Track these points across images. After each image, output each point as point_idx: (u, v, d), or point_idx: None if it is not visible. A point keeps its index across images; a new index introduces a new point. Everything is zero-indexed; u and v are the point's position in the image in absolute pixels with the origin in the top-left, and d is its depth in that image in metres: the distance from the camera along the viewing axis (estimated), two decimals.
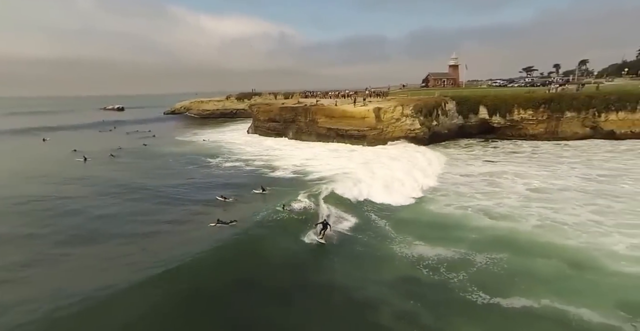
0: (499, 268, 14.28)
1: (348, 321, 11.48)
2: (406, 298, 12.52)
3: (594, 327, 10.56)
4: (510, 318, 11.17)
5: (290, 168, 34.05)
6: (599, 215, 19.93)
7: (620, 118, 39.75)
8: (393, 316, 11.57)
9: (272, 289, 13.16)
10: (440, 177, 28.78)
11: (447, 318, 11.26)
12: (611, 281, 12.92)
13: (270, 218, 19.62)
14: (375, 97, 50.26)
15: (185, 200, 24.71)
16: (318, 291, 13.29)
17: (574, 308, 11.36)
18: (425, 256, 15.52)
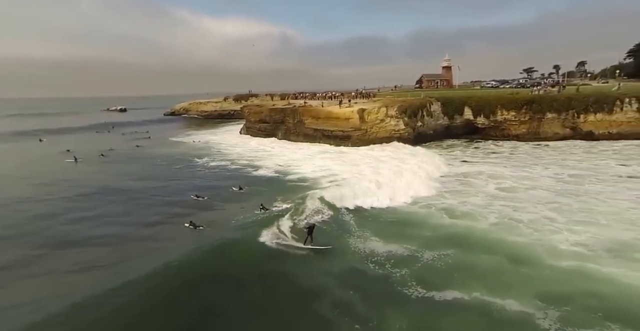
0: (442, 263, 14.87)
1: (289, 308, 12.19)
2: (347, 289, 13.17)
3: (512, 315, 11.21)
4: (438, 309, 11.78)
5: (272, 168, 34.71)
6: (556, 212, 20.47)
7: (598, 119, 40.18)
8: (330, 305, 12.25)
9: (228, 281, 13.79)
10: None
11: (379, 308, 11.88)
12: (542, 274, 13.51)
13: (242, 219, 20.19)
14: (361, 98, 50.91)
15: (164, 201, 25.39)
16: (269, 282, 13.93)
17: (500, 299, 11.96)
18: (377, 251, 16.16)
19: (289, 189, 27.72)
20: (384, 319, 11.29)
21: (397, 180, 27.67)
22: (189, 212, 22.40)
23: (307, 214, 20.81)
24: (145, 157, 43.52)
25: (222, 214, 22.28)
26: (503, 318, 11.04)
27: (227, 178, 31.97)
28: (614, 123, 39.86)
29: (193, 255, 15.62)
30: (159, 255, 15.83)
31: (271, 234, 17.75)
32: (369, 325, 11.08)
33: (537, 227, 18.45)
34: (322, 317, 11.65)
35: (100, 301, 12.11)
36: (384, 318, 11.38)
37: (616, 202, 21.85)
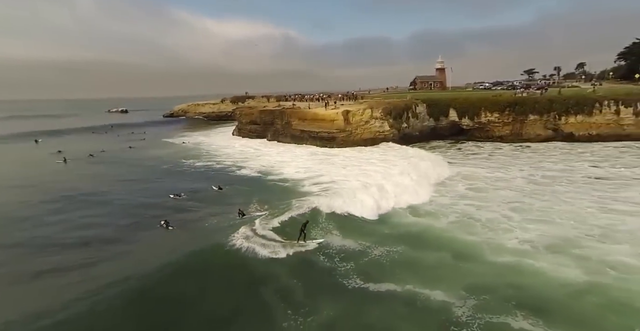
0: (388, 259, 15.67)
1: (237, 293, 13.25)
2: (292, 277, 14.06)
3: (433, 304, 12.11)
4: (369, 299, 12.63)
5: (255, 169, 35.50)
6: (515, 212, 21.22)
7: (579, 121, 40.83)
8: (273, 291, 13.33)
9: (187, 273, 14.69)
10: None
11: (316, 296, 12.74)
12: (477, 269, 14.29)
13: (215, 220, 21.05)
14: (347, 100, 51.71)
15: (142, 201, 26.07)
16: (223, 270, 14.86)
17: (428, 290, 12.78)
18: (332, 245, 17.01)
19: (268, 189, 28.61)
20: (317, 306, 12.15)
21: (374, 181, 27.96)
22: (164, 212, 22.93)
23: (279, 215, 21.31)
24: (134, 158, 44.50)
25: (195, 214, 23.01)
26: (424, 307, 11.87)
27: (210, 178, 32.71)
28: (594, 125, 40.49)
29: (156, 262, 15.86)
30: (124, 259, 16.45)
31: (240, 237, 17.88)
32: (301, 310, 11.96)
33: (492, 226, 19.19)
34: (262, 302, 12.52)
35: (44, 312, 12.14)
36: (317, 305, 12.23)
37: (576, 202, 22.59)
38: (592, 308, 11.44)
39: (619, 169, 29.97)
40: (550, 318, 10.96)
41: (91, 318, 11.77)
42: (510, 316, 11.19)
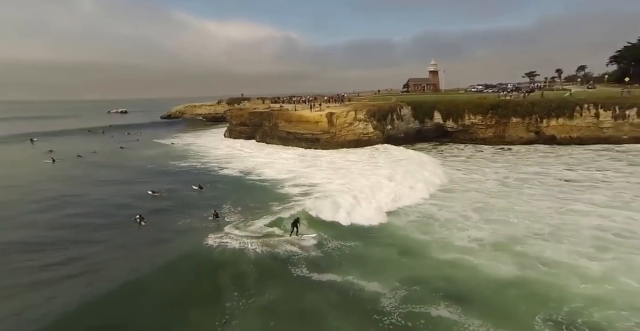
0: (339, 252, 16.50)
1: (195, 279, 14.39)
2: (246, 265, 15.03)
3: (365, 293, 12.99)
4: (309, 286, 13.57)
5: (238, 169, 36.29)
6: (476, 212, 21.85)
7: (560, 124, 41.47)
8: (226, 277, 14.31)
9: (151, 262, 15.79)
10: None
11: (262, 282, 13.77)
12: (418, 264, 15.06)
13: (189, 220, 21.84)
14: (333, 102, 52.58)
15: (120, 199, 26.96)
16: (186, 260, 16.04)
17: (366, 282, 13.63)
18: (292, 240, 17.78)
19: (247, 189, 29.43)
20: (261, 290, 13.24)
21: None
22: (141, 209, 23.67)
23: (252, 215, 22.12)
24: (123, 158, 45.52)
25: (170, 211, 23.89)
26: (356, 296, 12.71)
27: (192, 177, 33.42)
28: (575, 128, 41.11)
29: (122, 255, 17.17)
30: (91, 256, 17.18)
31: (210, 232, 18.81)
32: (246, 293, 13.02)
33: (449, 225, 19.88)
34: (216, 286, 13.57)
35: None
36: (261, 289, 13.29)
37: (539, 203, 23.25)
38: (510, 298, 12.19)
39: (591, 172, 30.51)
40: (469, 307, 11.72)
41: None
42: (433, 305, 11.97)
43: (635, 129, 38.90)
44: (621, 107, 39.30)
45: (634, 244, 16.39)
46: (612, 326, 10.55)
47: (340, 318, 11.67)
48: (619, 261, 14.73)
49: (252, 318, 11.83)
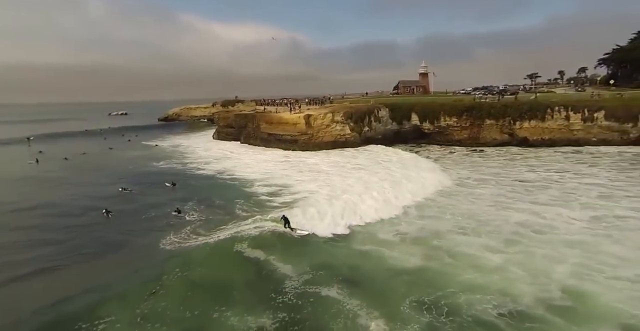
0: (276, 239, 17.92)
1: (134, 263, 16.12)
2: (189, 249, 16.91)
3: (277, 274, 14.66)
4: (235, 263, 15.26)
5: (215, 169, 37.86)
6: (416, 209, 23.04)
7: (532, 126, 42.40)
8: (169, 259, 16.01)
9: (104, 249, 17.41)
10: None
11: (198, 262, 15.64)
12: (335, 252, 16.58)
13: (152, 213, 23.81)
14: (313, 104, 53.97)
15: (92, 195, 28.81)
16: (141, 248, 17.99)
17: (282, 264, 15.33)
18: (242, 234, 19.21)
19: (218, 188, 30.84)
20: (195, 268, 15.14)
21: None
22: (110, 203, 25.54)
23: (213, 212, 23.64)
24: (109, 159, 47.42)
25: (137, 206, 25.85)
26: (267, 276, 14.53)
27: (169, 177, 34.50)
28: (546, 130, 42.03)
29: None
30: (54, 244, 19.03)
31: (166, 227, 20.77)
32: (179, 270, 14.85)
33: (385, 221, 21.11)
34: (155, 264, 15.52)
35: None
36: (195, 267, 15.19)
37: (482, 202, 24.44)
38: (397, 284, 13.46)
39: (550, 173, 31.32)
40: (356, 290, 13.13)
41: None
42: (327, 287, 13.37)
43: (603, 131, 39.71)
44: (590, 110, 40.15)
45: (545, 239, 17.58)
46: (470, 308, 11.78)
47: (247, 293, 13.22)
48: (521, 254, 15.94)
49: (178, 289, 13.32)
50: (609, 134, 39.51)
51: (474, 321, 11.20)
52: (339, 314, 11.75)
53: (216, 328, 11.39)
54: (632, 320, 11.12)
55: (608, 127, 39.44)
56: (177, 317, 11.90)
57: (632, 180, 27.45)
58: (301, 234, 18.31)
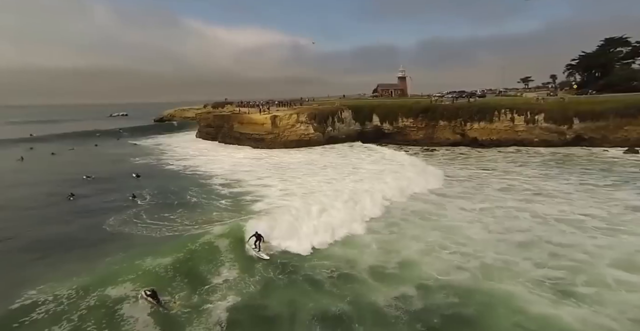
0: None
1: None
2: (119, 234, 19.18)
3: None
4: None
5: (184, 164, 40.28)
6: (334, 200, 24.86)
7: (482, 127, 44.50)
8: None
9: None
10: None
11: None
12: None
13: (112, 200, 26.12)
14: (282, 106, 56.41)
15: (60, 182, 31.40)
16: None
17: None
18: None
19: (180, 180, 33.10)
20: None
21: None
22: (76, 189, 28.38)
23: (164, 200, 25.80)
24: (92, 155, 50.31)
25: (99, 191, 28.69)
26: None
27: (139, 170, 37.01)
28: (494, 131, 44.10)
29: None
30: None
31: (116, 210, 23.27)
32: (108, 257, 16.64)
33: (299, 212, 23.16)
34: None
35: None
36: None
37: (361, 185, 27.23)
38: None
39: (479, 171, 33.09)
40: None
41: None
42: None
43: (543, 133, 41.71)
44: (532, 113, 42.17)
45: (425, 224, 19.97)
46: (311, 270, 14.16)
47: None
48: (394, 234, 18.31)
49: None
50: (548, 135, 41.49)
51: (304, 279, 13.43)
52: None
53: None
54: (430, 281, 13.35)
55: (547, 129, 41.45)
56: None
57: (544, 177, 29.54)
58: (261, 257, 15.83)
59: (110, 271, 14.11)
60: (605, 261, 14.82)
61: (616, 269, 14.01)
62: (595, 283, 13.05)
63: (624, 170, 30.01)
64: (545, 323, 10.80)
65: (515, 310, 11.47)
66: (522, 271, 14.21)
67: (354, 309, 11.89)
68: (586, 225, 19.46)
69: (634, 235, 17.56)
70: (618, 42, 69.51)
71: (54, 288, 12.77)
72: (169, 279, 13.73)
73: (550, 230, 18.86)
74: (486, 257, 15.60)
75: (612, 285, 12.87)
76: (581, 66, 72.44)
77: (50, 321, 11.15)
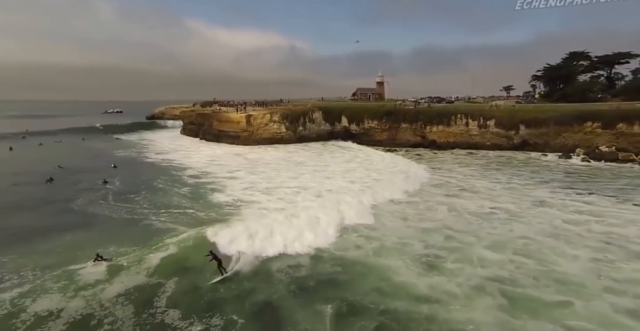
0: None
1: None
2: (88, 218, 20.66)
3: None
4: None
5: (161, 157, 41.93)
6: (267, 194, 26.11)
7: (440, 130, 46.68)
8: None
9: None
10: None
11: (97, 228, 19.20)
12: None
13: (83, 187, 27.89)
14: (258, 106, 58.29)
15: (40, 171, 32.60)
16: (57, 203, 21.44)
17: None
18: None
19: (152, 169, 35.11)
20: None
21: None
22: (54, 175, 30.56)
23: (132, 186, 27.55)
24: (77, 147, 51.69)
25: (80, 178, 30.78)
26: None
27: (118, 160, 38.88)
28: (451, 134, 46.29)
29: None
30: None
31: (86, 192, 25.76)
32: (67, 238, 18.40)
33: (243, 199, 24.94)
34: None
35: None
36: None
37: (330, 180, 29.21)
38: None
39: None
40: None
41: None
42: None
43: (494, 137, 43.96)
44: (485, 118, 44.41)
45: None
46: None
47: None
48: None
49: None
50: (498, 139, 43.76)
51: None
52: None
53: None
54: (325, 254, 15.30)
55: (497, 133, 43.71)
56: None
57: (478, 176, 31.51)
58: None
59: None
60: (483, 244, 16.92)
61: (487, 250, 16.12)
62: (463, 261, 15.11)
63: (550, 173, 32.22)
64: (400, 288, 12.82)
65: (382, 278, 13.46)
66: (410, 251, 16.21)
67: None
68: (492, 216, 21.53)
69: (524, 224, 19.77)
70: (580, 56, 72.32)
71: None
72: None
73: (459, 220, 20.86)
74: (388, 240, 17.59)
75: (474, 262, 14.93)
76: (545, 77, 74.98)
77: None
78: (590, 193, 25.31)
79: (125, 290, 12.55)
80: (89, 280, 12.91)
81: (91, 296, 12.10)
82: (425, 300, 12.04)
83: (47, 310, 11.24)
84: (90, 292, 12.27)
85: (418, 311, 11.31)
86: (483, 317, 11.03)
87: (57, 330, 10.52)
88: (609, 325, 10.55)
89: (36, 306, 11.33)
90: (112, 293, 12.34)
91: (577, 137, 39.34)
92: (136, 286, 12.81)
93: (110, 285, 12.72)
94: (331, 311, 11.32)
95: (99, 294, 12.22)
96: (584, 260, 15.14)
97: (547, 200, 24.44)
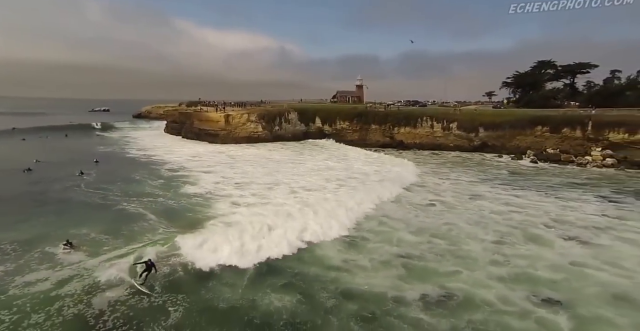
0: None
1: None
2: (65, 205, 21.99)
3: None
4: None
5: (141, 153, 43.25)
6: (242, 189, 27.85)
7: (407, 132, 48.93)
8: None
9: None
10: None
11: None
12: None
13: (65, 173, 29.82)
14: (237, 107, 60.07)
15: (21, 164, 33.56)
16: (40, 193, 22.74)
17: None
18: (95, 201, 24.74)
19: (130, 163, 36.62)
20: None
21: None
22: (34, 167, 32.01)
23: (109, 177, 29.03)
24: (61, 143, 52.66)
25: (60, 169, 32.17)
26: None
27: (100, 156, 39.63)
28: (417, 136, 48.55)
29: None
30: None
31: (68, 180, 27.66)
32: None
33: (215, 192, 26.70)
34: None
35: None
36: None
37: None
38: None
39: (382, 167, 36.80)
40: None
41: None
42: None
43: (457, 139, 46.34)
44: (448, 121, 46.77)
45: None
46: None
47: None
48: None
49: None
50: (460, 141, 46.12)
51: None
52: None
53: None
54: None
55: (459, 135, 46.08)
56: None
57: (431, 174, 33.52)
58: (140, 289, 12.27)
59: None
60: (410, 230, 18.81)
61: (409, 234, 18.06)
62: (384, 241, 17.03)
63: (497, 172, 34.44)
64: (318, 259, 14.72)
65: (306, 251, 15.34)
66: (339, 235, 17.98)
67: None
68: (430, 208, 23.45)
69: (455, 214, 21.66)
70: (547, 65, 75.65)
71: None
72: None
73: (399, 210, 22.66)
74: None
75: (393, 242, 16.87)
76: (514, 84, 78.08)
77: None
78: (523, 189, 27.55)
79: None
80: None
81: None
82: (336, 268, 13.94)
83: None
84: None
85: (325, 275, 13.23)
86: (380, 282, 12.95)
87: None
88: (478, 285, 12.60)
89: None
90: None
91: (529, 139, 41.90)
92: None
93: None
94: (252, 272, 13.18)
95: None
96: (489, 241, 17.18)
97: (485, 194, 26.54)
